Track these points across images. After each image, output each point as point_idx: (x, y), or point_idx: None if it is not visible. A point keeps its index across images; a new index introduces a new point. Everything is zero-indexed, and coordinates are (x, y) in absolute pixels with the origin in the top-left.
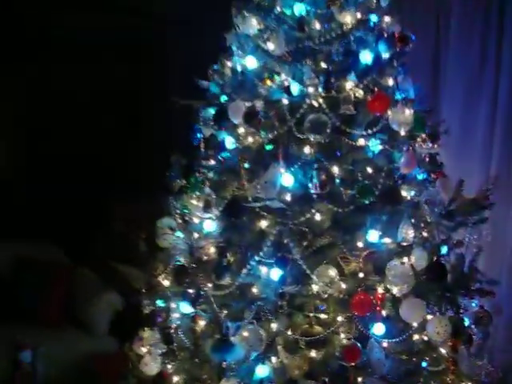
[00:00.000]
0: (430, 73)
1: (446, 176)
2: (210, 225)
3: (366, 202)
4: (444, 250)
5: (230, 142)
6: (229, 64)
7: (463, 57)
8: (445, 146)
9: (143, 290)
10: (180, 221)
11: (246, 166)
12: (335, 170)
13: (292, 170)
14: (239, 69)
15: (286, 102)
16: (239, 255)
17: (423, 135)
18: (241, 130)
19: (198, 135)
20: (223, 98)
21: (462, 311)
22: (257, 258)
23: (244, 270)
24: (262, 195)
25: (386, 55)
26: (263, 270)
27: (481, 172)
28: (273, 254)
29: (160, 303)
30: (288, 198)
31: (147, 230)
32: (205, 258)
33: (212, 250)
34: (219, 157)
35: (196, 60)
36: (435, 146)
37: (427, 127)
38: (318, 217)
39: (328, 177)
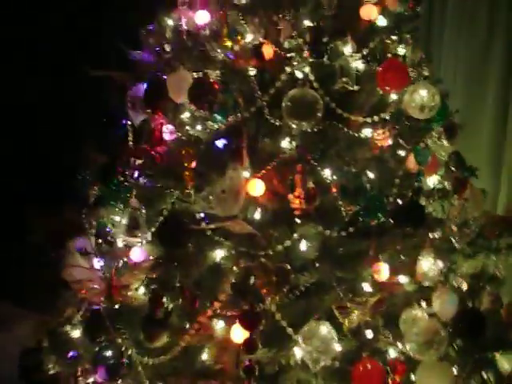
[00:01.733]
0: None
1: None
2: (139, 253)
3: (374, 221)
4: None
5: (169, 132)
6: (169, 22)
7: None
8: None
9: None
10: (98, 243)
11: (193, 166)
12: (328, 173)
13: (263, 173)
14: (185, 27)
15: (254, 71)
16: (182, 302)
17: (440, 128)
18: (185, 114)
19: (124, 122)
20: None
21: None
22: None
23: (190, 326)
24: (217, 211)
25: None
26: (219, 326)
27: (491, 169)
28: (234, 302)
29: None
30: (257, 216)
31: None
32: (132, 302)
33: (141, 291)
34: (153, 153)
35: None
36: (452, 143)
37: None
38: (302, 245)
39: (318, 184)
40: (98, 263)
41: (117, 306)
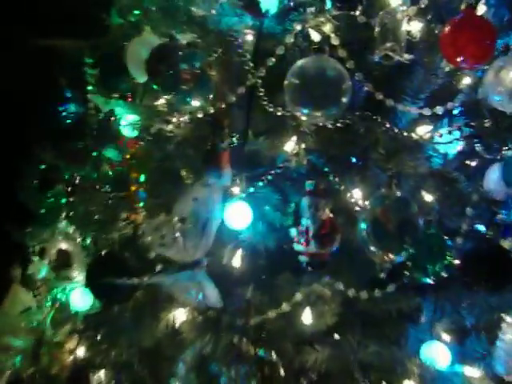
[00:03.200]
0: None
1: None
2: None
3: (428, 277)
4: None
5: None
6: None
7: None
8: None
9: None
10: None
11: (142, 178)
12: (356, 196)
13: (253, 192)
14: None
15: (250, 35)
16: None
17: None
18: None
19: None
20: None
21: None
22: None
23: None
24: (171, 253)
25: None
26: None
27: None
28: None
29: None
30: (237, 262)
31: None
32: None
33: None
34: (96, 153)
35: None
36: None
37: None
38: (307, 313)
39: (338, 213)
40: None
41: None
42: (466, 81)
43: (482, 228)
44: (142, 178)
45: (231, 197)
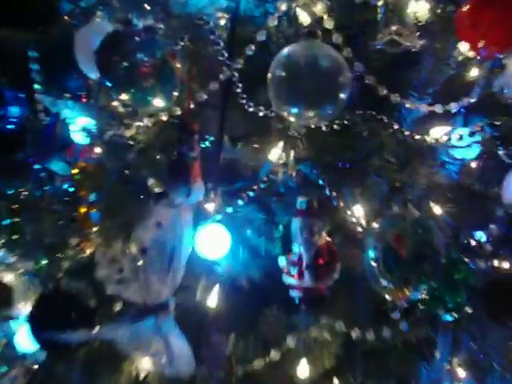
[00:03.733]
0: None
1: None
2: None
3: (448, 313)
4: None
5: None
6: None
7: None
8: None
9: None
10: None
11: (94, 197)
12: (358, 213)
13: (230, 213)
14: None
15: (223, 19)
16: None
17: None
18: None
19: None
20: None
21: None
22: None
23: None
24: (128, 293)
25: None
26: None
27: None
28: None
29: None
30: (213, 301)
31: None
32: None
33: None
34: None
35: None
36: None
37: None
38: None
39: (338, 237)
40: None
41: None
42: (475, 72)
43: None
44: (93, 196)
45: (204, 218)
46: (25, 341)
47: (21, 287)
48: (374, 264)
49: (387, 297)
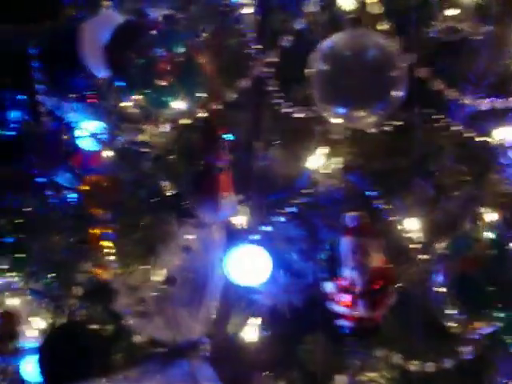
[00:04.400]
0: None
1: None
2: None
3: None
4: None
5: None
6: None
7: None
8: None
9: None
10: None
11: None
12: (414, 226)
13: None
14: None
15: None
16: None
17: None
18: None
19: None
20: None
21: None
22: None
23: None
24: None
25: None
26: None
27: None
28: None
29: None
30: (253, 335)
31: None
32: None
33: None
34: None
35: None
36: None
37: None
38: None
39: (393, 256)
40: None
41: None
42: None
43: None
44: (106, 213)
45: (238, 239)
46: (32, 372)
47: (29, 309)
48: (440, 291)
49: (456, 330)
